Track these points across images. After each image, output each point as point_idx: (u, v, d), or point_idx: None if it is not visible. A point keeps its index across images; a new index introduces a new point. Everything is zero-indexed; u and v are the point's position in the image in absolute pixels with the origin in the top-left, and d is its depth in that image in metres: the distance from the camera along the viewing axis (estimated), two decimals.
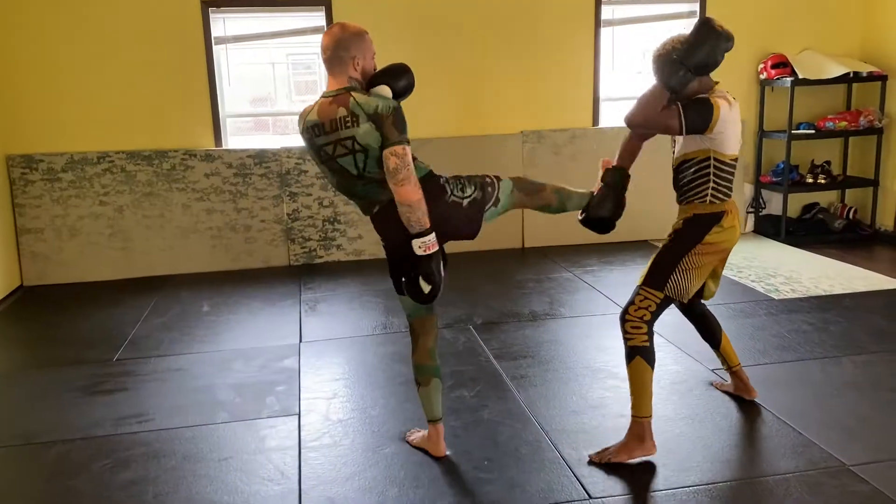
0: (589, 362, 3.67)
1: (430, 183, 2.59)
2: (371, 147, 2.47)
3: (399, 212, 2.48)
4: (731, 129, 2.65)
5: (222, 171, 5.57)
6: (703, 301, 3.08)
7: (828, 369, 3.49)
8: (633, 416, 2.72)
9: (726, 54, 2.61)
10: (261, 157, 5.61)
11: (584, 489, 2.55)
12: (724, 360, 3.15)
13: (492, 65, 5.87)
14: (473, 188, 2.65)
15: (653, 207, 5.36)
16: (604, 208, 2.84)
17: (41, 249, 5.43)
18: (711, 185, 2.72)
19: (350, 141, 2.48)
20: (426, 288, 2.50)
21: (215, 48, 5.54)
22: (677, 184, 2.83)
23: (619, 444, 2.74)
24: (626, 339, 2.72)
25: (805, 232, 6.19)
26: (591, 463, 2.71)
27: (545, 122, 6.00)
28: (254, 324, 4.42)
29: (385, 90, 2.55)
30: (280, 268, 5.69)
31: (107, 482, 2.70)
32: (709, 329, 3.13)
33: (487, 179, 2.71)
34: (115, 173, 5.46)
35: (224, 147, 5.65)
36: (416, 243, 2.48)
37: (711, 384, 3.30)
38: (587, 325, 4.20)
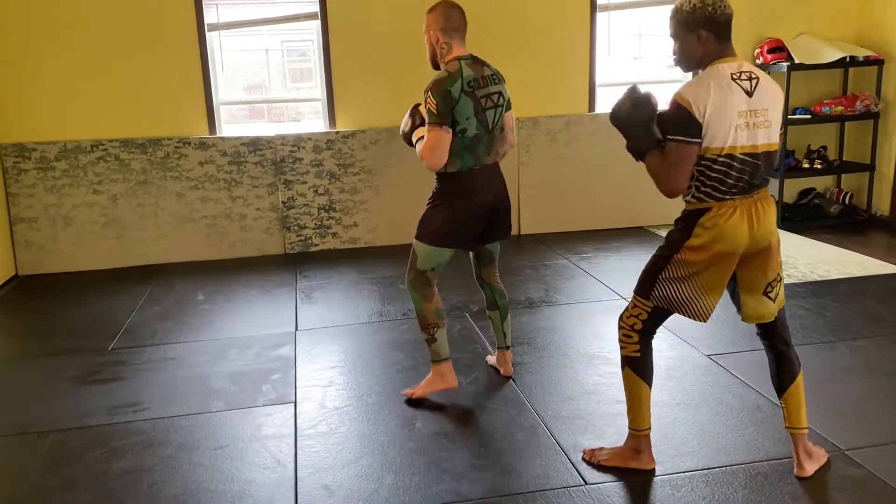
0: (585, 349, 3.66)
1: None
2: (507, 104, 3.15)
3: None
4: (713, 112, 2.24)
5: (216, 160, 5.54)
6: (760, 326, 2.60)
7: (823, 354, 3.49)
8: (629, 428, 2.57)
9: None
10: (255, 144, 5.58)
11: (580, 475, 2.55)
12: (786, 414, 2.57)
13: (486, 50, 5.81)
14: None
15: (649, 193, 5.34)
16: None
17: (35, 239, 5.41)
18: (695, 182, 2.34)
19: (500, 95, 3.10)
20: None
21: (208, 35, 5.50)
22: None
23: (615, 450, 2.62)
24: (619, 347, 2.53)
25: (801, 217, 6.18)
26: (583, 459, 2.64)
27: (540, 109, 5.97)
28: (249, 312, 4.41)
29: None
30: (275, 256, 5.68)
31: (102, 471, 2.70)
32: (778, 369, 2.59)
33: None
34: (109, 162, 5.43)
35: (218, 135, 5.62)
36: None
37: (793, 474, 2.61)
38: (583, 312, 4.20)
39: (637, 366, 2.49)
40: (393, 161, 5.73)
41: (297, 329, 4.09)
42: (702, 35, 2.31)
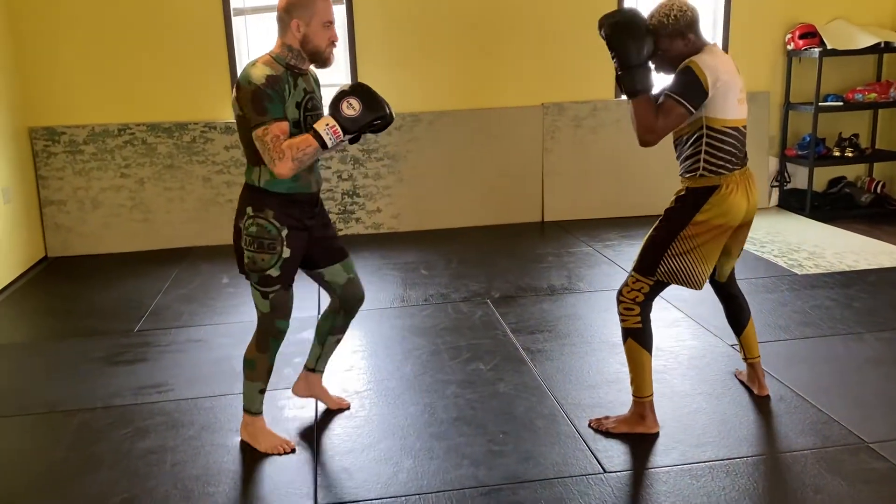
0: (606, 337, 3.65)
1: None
2: (238, 117, 2.47)
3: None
4: (726, 80, 2.45)
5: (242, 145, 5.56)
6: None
7: (850, 345, 3.44)
8: (633, 395, 2.71)
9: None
10: None
11: (599, 463, 2.55)
12: (744, 349, 2.97)
13: (509, 33, 5.79)
14: (255, 270, 2.59)
15: (675, 181, 5.28)
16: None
17: (64, 221, 5.49)
18: (703, 156, 2.53)
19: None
20: (377, 121, 2.43)
21: (234, 20, 5.51)
22: (678, 158, 2.67)
23: (621, 417, 2.75)
24: (620, 320, 2.67)
25: (830, 206, 6.08)
26: (589, 426, 2.76)
27: (566, 94, 5.92)
28: None
29: (258, 72, 2.38)
30: None
31: (126, 450, 2.75)
32: (735, 312, 2.94)
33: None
34: (136, 146, 5.48)
35: None
36: (327, 140, 2.38)
37: (734, 374, 3.16)
38: (605, 300, 4.17)
39: (639, 336, 2.64)
40: (416, 147, 5.72)
41: (318, 313, 4.12)
42: (689, 38, 2.51)
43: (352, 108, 2.37)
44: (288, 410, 3.01)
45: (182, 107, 5.54)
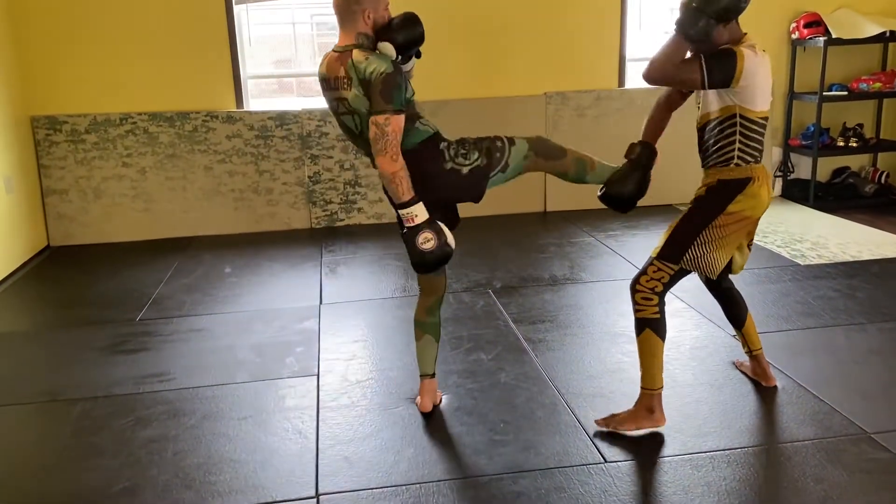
0: (608, 327, 3.64)
1: (429, 148, 2.53)
2: (360, 112, 2.45)
3: (381, 181, 2.47)
4: (760, 82, 2.46)
5: (244, 133, 5.56)
6: (730, 276, 2.93)
7: (852, 336, 3.43)
8: (642, 388, 2.66)
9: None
10: (282, 118, 5.59)
11: (600, 453, 2.55)
12: (745, 342, 2.96)
13: (513, 22, 5.76)
14: (477, 154, 2.55)
15: (679, 170, 5.26)
16: (626, 186, 2.68)
17: (66, 210, 5.49)
18: (738, 146, 2.54)
19: (346, 102, 2.47)
20: (414, 258, 2.46)
21: (236, 8, 5.49)
22: (702, 146, 2.65)
23: (628, 412, 2.68)
24: (635, 311, 2.62)
25: (834, 197, 6.05)
26: (597, 423, 2.71)
27: (569, 83, 5.89)
28: (275, 285, 4.45)
29: (389, 48, 2.46)
30: (301, 230, 5.71)
31: (128, 439, 2.75)
32: (733, 308, 2.93)
33: (498, 143, 2.59)
34: (138, 135, 5.48)
35: (245, 109, 5.64)
36: (401, 213, 2.45)
37: (733, 363, 3.15)
38: (608, 290, 4.16)
39: (657, 326, 2.61)
40: None
41: (321, 303, 4.12)
42: (732, 27, 2.54)
43: (428, 245, 2.43)
44: (290, 399, 3.02)
45: (184, 96, 5.53)
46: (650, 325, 2.60)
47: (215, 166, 5.57)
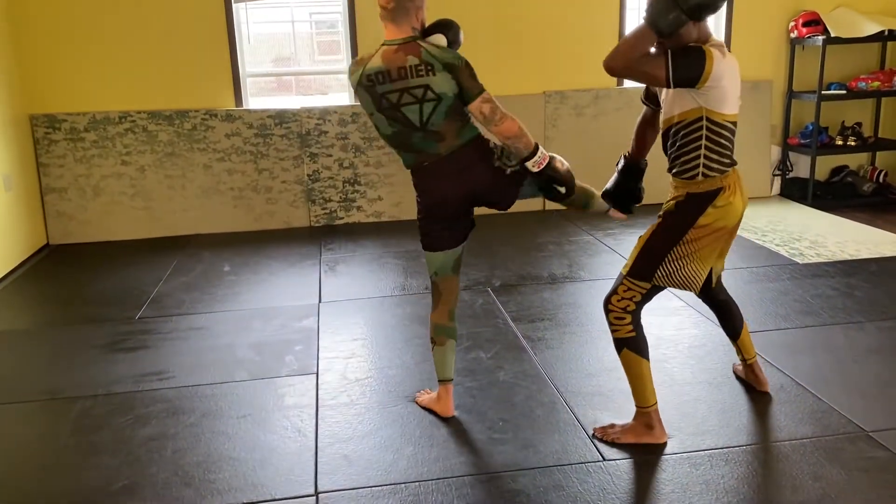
0: (606, 326, 3.63)
1: (482, 142, 2.66)
2: (446, 96, 2.51)
3: (506, 147, 2.59)
4: (728, 85, 2.32)
5: (243, 132, 5.56)
6: (722, 283, 2.87)
7: (851, 335, 3.44)
8: (636, 406, 2.59)
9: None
10: (281, 117, 5.59)
11: (598, 451, 2.55)
12: (740, 351, 2.90)
13: (511, 20, 5.76)
14: (515, 161, 2.63)
15: None
16: (617, 201, 2.85)
17: (65, 209, 5.49)
18: (703, 153, 2.39)
19: (421, 90, 2.50)
20: (562, 189, 2.61)
21: (235, 6, 5.49)
22: (666, 151, 2.52)
23: (627, 426, 2.62)
24: (611, 330, 2.56)
25: (832, 196, 6.06)
26: (594, 436, 2.64)
27: (568, 82, 5.89)
28: (274, 284, 4.45)
29: (441, 39, 2.56)
30: (301, 229, 5.71)
31: (127, 437, 2.76)
32: (729, 319, 2.86)
33: None
34: (137, 133, 5.47)
35: (244, 107, 5.64)
36: (531, 164, 2.55)
37: (733, 371, 3.10)
38: (606, 289, 4.13)
39: (634, 345, 2.54)
40: None
41: (320, 301, 4.12)
42: (701, 26, 2.38)
43: (564, 165, 2.62)
44: (289, 398, 3.02)
45: (183, 94, 5.53)
46: (627, 345, 2.53)
47: (214, 164, 5.57)
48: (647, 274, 2.49)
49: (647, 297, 2.53)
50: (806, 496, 2.28)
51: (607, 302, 2.56)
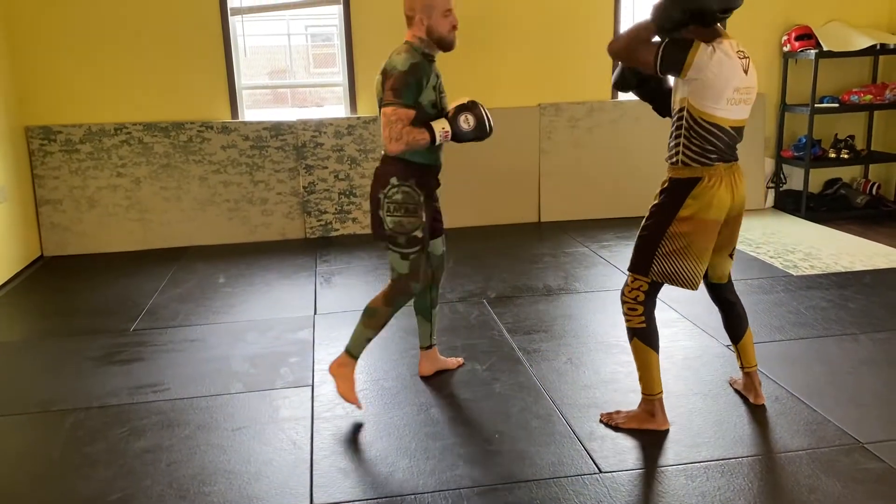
0: (602, 337, 3.65)
1: (387, 169, 2.83)
2: (379, 100, 2.77)
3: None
4: (710, 79, 2.39)
5: (239, 144, 5.57)
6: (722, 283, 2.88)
7: (845, 346, 3.45)
8: (642, 393, 2.73)
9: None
10: (277, 129, 5.60)
11: (595, 463, 2.55)
12: (741, 357, 2.90)
13: (506, 33, 5.79)
14: (402, 232, 2.81)
15: None
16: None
17: (60, 220, 5.48)
18: (682, 140, 2.50)
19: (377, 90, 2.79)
20: (482, 132, 2.79)
21: (231, 19, 5.51)
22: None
23: (631, 413, 2.75)
24: (625, 320, 2.70)
25: (826, 208, 6.09)
26: (601, 421, 2.78)
27: (563, 95, 5.93)
28: (269, 296, 4.45)
29: (402, 60, 2.72)
30: (296, 240, 5.71)
31: (122, 450, 2.74)
32: (734, 322, 2.85)
33: (414, 244, 2.86)
34: (133, 145, 5.48)
35: (240, 119, 5.65)
36: (439, 139, 2.74)
37: (729, 383, 3.10)
38: (602, 301, 4.18)
39: (644, 335, 2.64)
40: None
41: (315, 313, 4.12)
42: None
43: (467, 122, 2.76)
44: (284, 410, 3.01)
45: (179, 106, 5.54)
46: (637, 335, 2.66)
47: (210, 176, 5.58)
48: (643, 268, 2.61)
49: (652, 290, 2.63)
50: None
51: (622, 293, 2.70)
